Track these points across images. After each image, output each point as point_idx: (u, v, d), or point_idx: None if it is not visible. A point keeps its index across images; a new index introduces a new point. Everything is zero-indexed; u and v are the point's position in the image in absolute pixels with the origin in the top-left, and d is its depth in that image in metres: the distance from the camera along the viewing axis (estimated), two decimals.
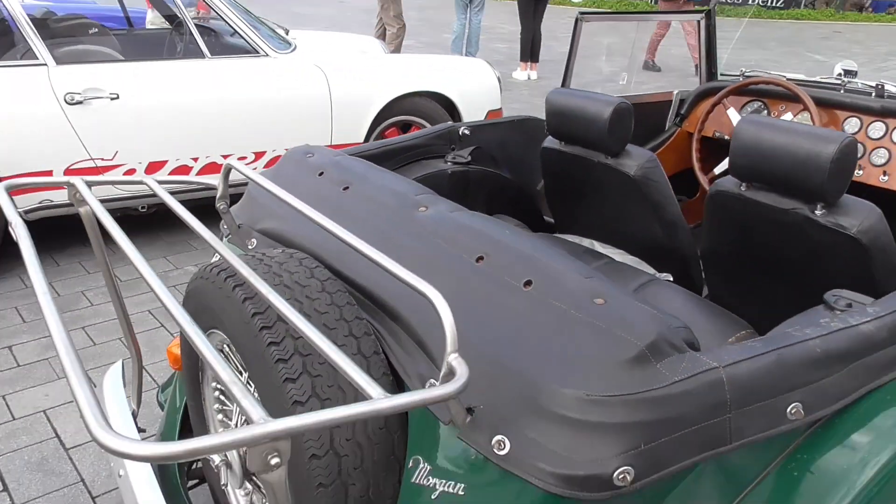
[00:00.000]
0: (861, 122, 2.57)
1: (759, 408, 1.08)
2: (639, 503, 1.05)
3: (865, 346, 1.19)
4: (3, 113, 3.30)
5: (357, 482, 1.18)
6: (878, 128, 2.53)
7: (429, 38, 11.85)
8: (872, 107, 2.55)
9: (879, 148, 2.53)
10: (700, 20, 2.91)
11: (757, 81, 2.74)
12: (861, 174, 2.57)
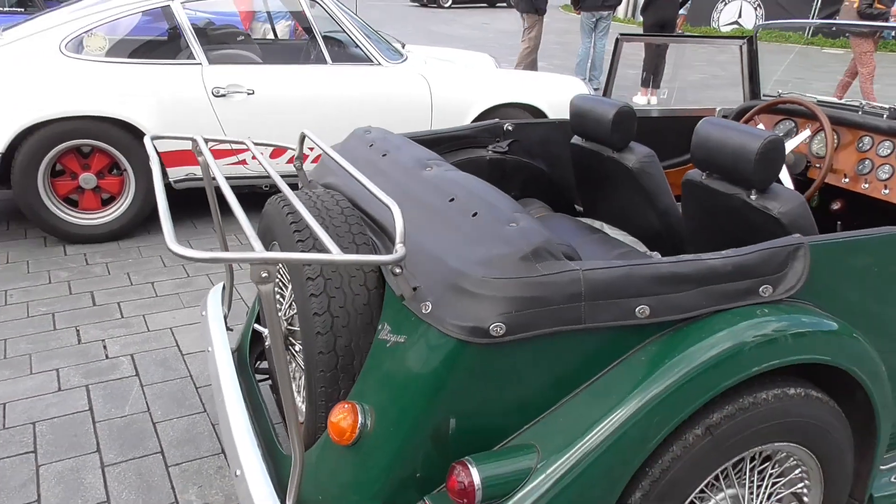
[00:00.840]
0: (873, 141, 2.84)
1: (610, 303, 1.54)
2: (516, 358, 1.53)
3: (710, 275, 1.61)
4: (167, 99, 4.15)
5: (343, 336, 1.73)
6: (886, 146, 2.80)
7: (560, 61, 12.32)
8: (882, 127, 2.82)
9: (885, 164, 2.79)
10: (742, 45, 3.27)
11: (784, 101, 3.07)
12: (867, 187, 2.84)
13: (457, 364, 1.51)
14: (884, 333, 1.89)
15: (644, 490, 1.58)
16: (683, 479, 1.60)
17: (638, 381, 1.55)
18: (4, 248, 4.15)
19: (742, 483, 1.79)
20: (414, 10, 22.95)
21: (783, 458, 1.80)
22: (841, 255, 1.75)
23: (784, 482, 1.85)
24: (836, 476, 1.85)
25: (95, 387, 2.90)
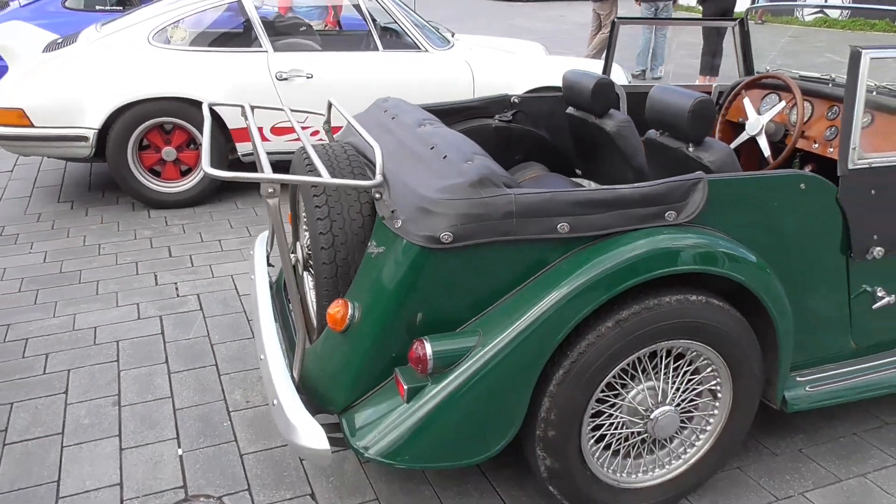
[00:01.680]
0: (839, 110, 3.12)
1: (535, 220, 1.96)
2: (464, 263, 1.97)
3: (622, 201, 2.02)
4: (237, 83, 4.75)
5: (342, 251, 2.22)
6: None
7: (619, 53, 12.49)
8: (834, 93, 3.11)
9: None
10: (734, 26, 3.59)
11: (764, 76, 3.38)
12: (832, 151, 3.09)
13: (419, 266, 1.97)
14: (776, 255, 2.23)
15: (565, 369, 2.01)
16: (598, 362, 2.01)
17: (559, 281, 1.97)
18: (100, 211, 4.86)
19: (659, 377, 2.18)
20: (493, 4, 23.36)
21: (695, 356, 2.19)
22: (735, 190, 2.12)
23: (698, 379, 2.23)
24: (744, 377, 2.21)
25: (167, 317, 3.50)
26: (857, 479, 2.52)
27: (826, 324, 2.43)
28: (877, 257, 2.37)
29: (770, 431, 2.74)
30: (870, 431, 2.77)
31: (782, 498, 2.42)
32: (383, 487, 2.41)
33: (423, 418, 1.96)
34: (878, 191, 2.31)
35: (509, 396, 1.98)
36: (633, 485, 2.27)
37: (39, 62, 4.76)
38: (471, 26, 13.82)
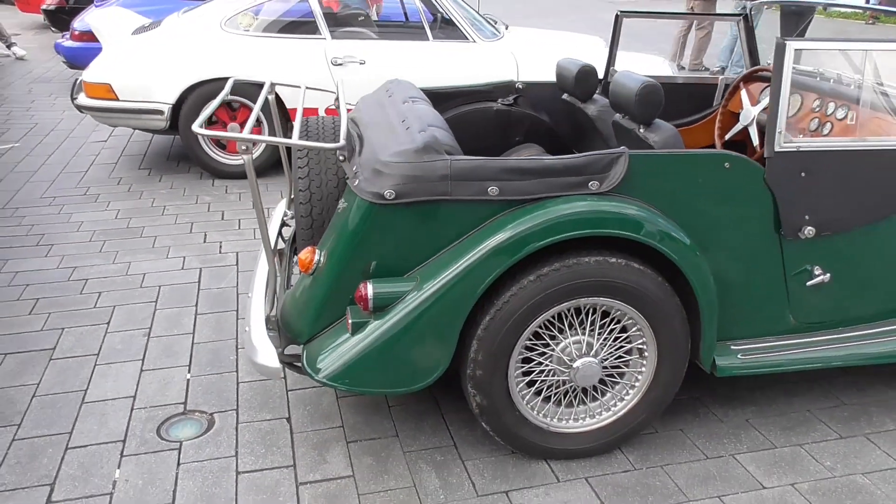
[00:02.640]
0: (822, 102, 3.19)
1: (468, 183, 2.24)
2: (407, 218, 2.28)
3: (547, 171, 2.26)
4: (297, 67, 5.20)
5: (317, 206, 2.57)
6: (831, 106, 3.09)
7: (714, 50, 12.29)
8: (825, 89, 3.17)
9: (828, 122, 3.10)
10: (739, 21, 3.69)
11: (760, 70, 3.48)
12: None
13: (368, 219, 2.29)
14: (704, 228, 2.40)
15: (491, 315, 2.27)
16: (520, 311, 2.27)
17: (486, 238, 2.25)
18: (172, 178, 5.44)
19: (586, 332, 2.41)
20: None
21: (620, 315, 2.40)
22: (656, 165, 2.32)
23: (626, 337, 2.45)
24: (667, 337, 2.41)
25: (206, 269, 3.97)
26: (793, 448, 2.65)
27: (763, 298, 2.57)
28: (809, 236, 2.50)
29: (724, 402, 2.90)
30: (825, 409, 2.87)
31: (712, 457, 2.59)
32: (350, 418, 2.75)
33: (363, 349, 2.28)
34: (808, 174, 2.44)
35: (438, 336, 2.27)
36: (562, 429, 2.51)
37: (127, 43, 5.37)
38: (553, 21, 13.93)
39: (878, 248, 2.61)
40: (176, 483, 2.41)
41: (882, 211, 2.55)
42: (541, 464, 2.53)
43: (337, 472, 2.47)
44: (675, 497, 2.40)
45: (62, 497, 2.35)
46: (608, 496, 2.39)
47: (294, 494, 2.37)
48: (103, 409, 2.78)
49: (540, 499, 2.37)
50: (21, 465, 2.49)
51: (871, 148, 2.49)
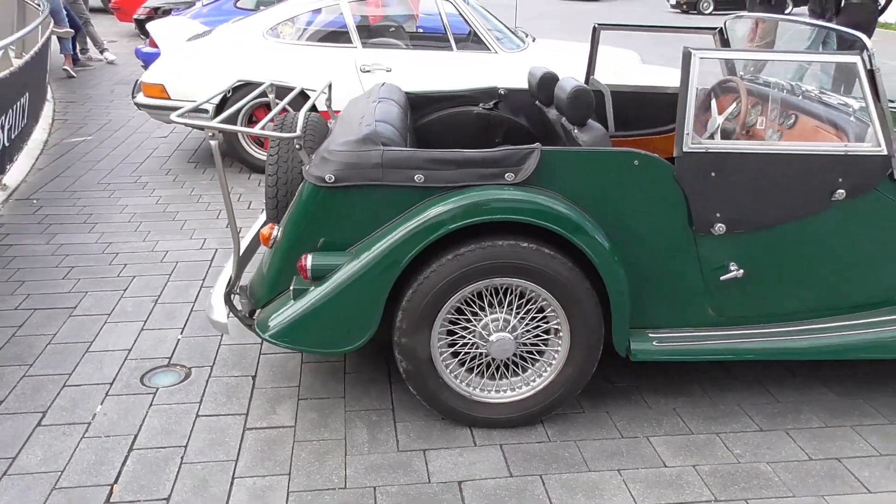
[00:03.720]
0: (777, 110, 3.32)
1: (397, 171, 2.54)
2: (347, 200, 2.59)
3: (467, 162, 2.54)
4: (327, 73, 5.61)
5: (282, 189, 2.92)
6: (782, 115, 3.26)
7: None
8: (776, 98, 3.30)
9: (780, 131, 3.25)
10: (714, 35, 3.84)
11: (726, 81, 3.62)
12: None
13: (313, 200, 2.63)
14: (617, 221, 2.62)
15: (413, 289, 2.56)
16: (439, 286, 2.54)
17: (412, 218, 2.54)
18: (215, 171, 5.94)
19: (506, 312, 2.66)
20: (673, 15, 23.09)
21: (536, 297, 2.64)
22: (568, 161, 2.56)
23: (543, 317, 2.68)
24: (579, 319, 2.62)
25: (221, 249, 4.40)
26: (709, 435, 2.81)
27: (680, 290, 2.76)
28: (720, 233, 2.67)
29: (659, 392, 3.07)
30: (756, 405, 3.01)
31: (626, 437, 2.78)
32: (307, 379, 3.08)
33: (301, 311, 2.61)
34: (718, 173, 2.62)
35: (365, 304, 2.58)
36: (484, 399, 2.75)
37: (181, 49, 5.92)
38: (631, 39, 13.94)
39: (792, 249, 2.75)
40: (144, 420, 2.80)
41: (793, 213, 2.70)
42: (465, 430, 2.78)
43: (282, 422, 2.80)
44: (576, 467, 2.61)
45: (50, 422, 2.77)
46: (514, 461, 2.63)
47: (239, 436, 2.71)
48: (101, 358, 3.21)
49: (453, 459, 2.63)
50: (25, 395, 2.93)
51: (778, 152, 2.65)
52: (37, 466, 2.54)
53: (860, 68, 2.65)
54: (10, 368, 3.11)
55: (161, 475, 2.51)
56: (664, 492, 2.50)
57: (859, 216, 2.75)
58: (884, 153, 2.68)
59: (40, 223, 4.79)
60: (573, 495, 2.47)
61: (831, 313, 2.87)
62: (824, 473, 2.62)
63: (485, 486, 2.50)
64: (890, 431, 2.87)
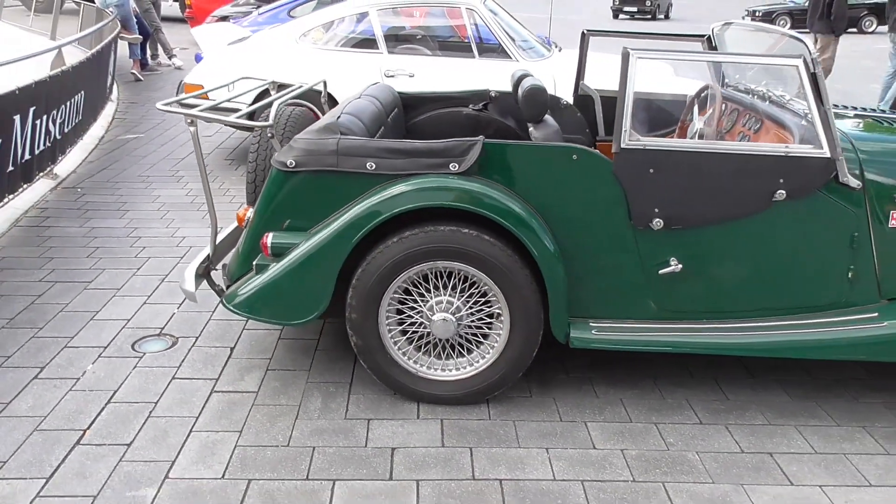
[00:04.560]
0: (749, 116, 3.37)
1: (351, 158, 2.76)
2: (303, 185, 2.83)
3: (415, 152, 2.73)
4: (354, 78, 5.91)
5: (260, 175, 3.18)
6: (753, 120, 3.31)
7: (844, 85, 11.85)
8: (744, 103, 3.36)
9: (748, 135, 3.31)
10: (703, 43, 3.92)
11: (704, 88, 3.70)
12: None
13: (277, 184, 2.88)
14: (558, 212, 2.76)
15: (363, 268, 2.77)
16: (385, 266, 2.74)
17: (361, 202, 2.76)
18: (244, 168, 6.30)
19: (451, 295, 2.84)
20: None
21: (479, 282, 2.81)
22: (510, 154, 2.73)
23: (486, 301, 2.84)
24: (518, 305, 2.77)
25: None
26: (647, 424, 2.91)
27: (621, 282, 2.88)
28: (658, 228, 2.78)
29: (610, 383, 3.18)
30: (704, 401, 3.08)
31: (565, 421, 2.91)
32: (281, 353, 3.32)
33: (260, 285, 2.86)
34: (656, 170, 2.74)
35: (316, 281, 2.80)
36: (429, 376, 2.93)
37: (222, 53, 6.33)
38: None
39: (732, 247, 2.83)
40: (126, 379, 3.09)
41: (732, 212, 2.78)
42: (413, 405, 2.97)
43: (246, 388, 3.05)
44: (508, 443, 2.76)
45: (45, 376, 3.09)
46: (450, 434, 2.79)
47: (205, 398, 2.97)
48: (102, 326, 3.53)
49: (394, 429, 2.82)
50: (29, 353, 3.27)
51: (716, 151, 2.74)
52: (25, 412, 2.85)
53: (802, 72, 2.73)
54: (23, 330, 3.47)
55: (129, 425, 2.79)
56: (585, 469, 2.63)
57: (802, 218, 2.82)
58: (826, 156, 2.74)
59: (79, 209, 5.23)
60: (495, 466, 2.62)
61: (774, 313, 2.93)
62: (751, 465, 2.69)
63: (415, 454, 2.68)
64: (833, 433, 2.90)
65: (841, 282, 2.90)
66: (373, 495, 2.46)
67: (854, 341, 2.83)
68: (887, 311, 2.90)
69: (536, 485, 2.55)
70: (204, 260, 3.18)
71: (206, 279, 3.17)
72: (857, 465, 2.72)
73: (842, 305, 2.93)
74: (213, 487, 2.48)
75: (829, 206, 2.81)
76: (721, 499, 2.51)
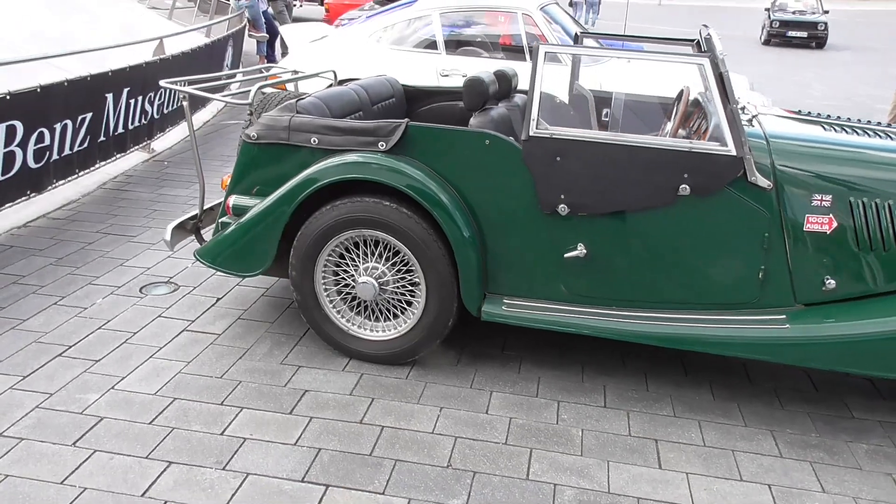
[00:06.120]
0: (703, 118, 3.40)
1: (299, 133, 3.15)
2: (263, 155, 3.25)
3: (351, 131, 3.08)
4: (412, 75, 6.32)
5: None
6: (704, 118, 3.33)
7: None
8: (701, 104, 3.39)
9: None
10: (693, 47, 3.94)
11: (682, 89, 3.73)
12: None
13: (244, 154, 3.32)
14: (472, 192, 3.00)
15: (301, 231, 3.15)
16: (318, 230, 3.10)
17: (302, 173, 3.13)
18: None
19: (378, 261, 3.16)
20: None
21: (403, 254, 3.10)
22: (429, 136, 3.00)
23: (406, 269, 3.13)
24: (433, 275, 3.04)
25: None
26: (550, 401, 3.08)
27: (531, 264, 3.06)
28: (564, 214, 2.95)
29: (540, 364, 3.36)
30: (620, 391, 3.20)
31: (474, 388, 3.14)
32: (257, 306, 3.77)
33: (221, 239, 3.31)
34: (563, 158, 2.91)
35: (263, 239, 3.21)
36: (358, 334, 3.26)
37: (304, 49, 6.95)
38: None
39: (637, 237, 2.94)
40: (121, 313, 3.65)
41: (638, 203, 2.90)
42: (344, 360, 3.31)
43: (213, 330, 3.52)
44: (407, 399, 3.03)
45: (63, 304, 3.72)
46: (362, 386, 3.11)
47: (176, 334, 3.47)
48: (126, 271, 4.14)
49: (315, 376, 3.17)
50: (60, 286, 3.92)
51: (621, 143, 2.87)
52: (34, 328, 3.47)
53: (708, 71, 2.81)
54: (64, 268, 4.15)
55: (105, 347, 3.33)
56: (465, 429, 2.86)
57: (709, 214, 2.89)
58: (732, 154, 2.80)
59: (158, 178, 5.98)
60: (386, 416, 2.92)
61: (684, 307, 3.00)
62: (629, 447, 2.81)
63: (322, 397, 3.02)
64: (735, 432, 2.94)
65: (751, 282, 2.93)
66: (267, 423, 2.83)
67: (756, 341, 2.86)
68: (797, 315, 2.90)
69: (413, 434, 2.81)
70: (192, 217, 3.69)
71: (194, 234, 3.68)
72: (740, 461, 2.77)
73: (755, 305, 2.96)
74: (144, 400, 2.95)
75: (738, 204, 2.86)
76: (579, 470, 2.67)
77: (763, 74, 14.78)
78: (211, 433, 2.76)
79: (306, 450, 2.69)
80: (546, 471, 2.65)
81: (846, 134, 3.11)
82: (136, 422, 2.81)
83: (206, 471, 2.56)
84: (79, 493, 2.43)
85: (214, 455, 2.64)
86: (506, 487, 2.56)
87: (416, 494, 2.50)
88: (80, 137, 5.32)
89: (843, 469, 2.76)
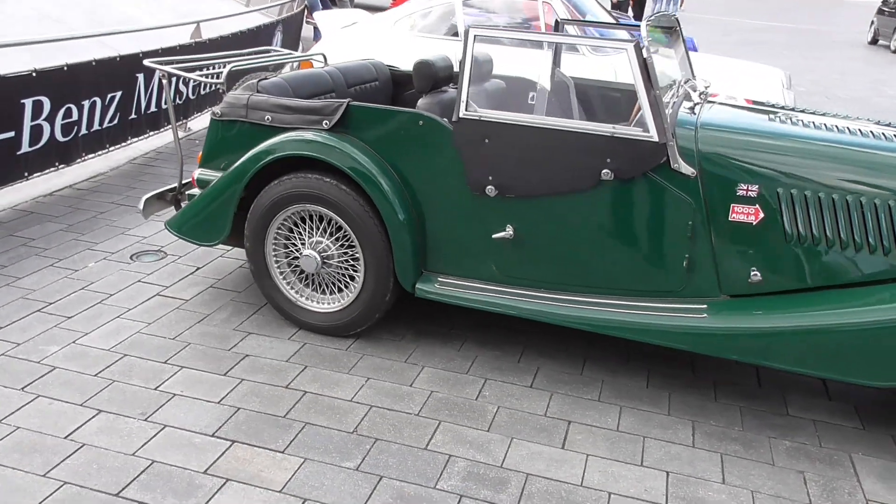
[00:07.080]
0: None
1: (255, 111, 3.34)
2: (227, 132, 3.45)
3: (301, 110, 3.23)
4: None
5: None
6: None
7: None
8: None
9: None
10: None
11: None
12: None
13: (212, 130, 3.53)
14: (407, 171, 3.10)
15: (254, 204, 3.33)
16: (268, 204, 3.28)
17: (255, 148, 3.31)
18: None
19: (317, 234, 3.30)
20: None
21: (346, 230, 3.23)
22: (368, 116, 3.12)
23: (349, 245, 3.26)
24: (370, 251, 3.16)
25: None
26: (477, 378, 3.16)
27: (464, 244, 3.14)
28: (492, 195, 3.00)
29: (481, 345, 3.43)
30: (563, 375, 3.24)
31: (407, 363, 3.25)
32: (231, 277, 3.99)
33: (186, 210, 3.53)
34: (491, 140, 2.96)
35: (220, 211, 3.40)
36: (305, 305, 3.42)
37: (335, 35, 7.16)
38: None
39: (562, 221, 2.98)
40: (106, 276, 3.94)
41: (562, 186, 2.93)
42: (294, 329, 3.47)
43: (183, 296, 3.75)
44: (339, 369, 3.17)
45: (58, 266, 4.03)
46: (301, 355, 3.27)
47: (149, 295, 3.72)
48: (125, 239, 4.44)
49: (261, 342, 3.35)
50: (61, 249, 4.25)
51: (547, 126, 2.91)
52: (25, 286, 3.79)
53: (632, 56, 2.81)
54: (70, 234, 4.48)
55: (82, 305, 3.61)
56: (384, 399, 2.98)
57: (632, 199, 2.89)
58: (654, 140, 2.80)
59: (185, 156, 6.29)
60: (312, 383, 3.07)
61: (609, 291, 3.02)
62: (537, 427, 2.87)
63: (259, 362, 3.20)
64: (654, 420, 2.96)
65: (677, 270, 2.92)
66: (201, 382, 3.03)
67: (672, 329, 2.85)
68: (718, 306, 2.88)
69: (332, 401, 2.95)
70: (171, 189, 3.93)
71: (174, 205, 3.92)
72: (647, 448, 2.78)
73: (681, 294, 2.95)
74: (97, 354, 3.20)
75: (662, 191, 2.85)
76: (481, 445, 2.75)
77: (840, 71, 14.13)
78: (146, 388, 2.98)
79: (227, 408, 2.88)
80: (446, 443, 2.74)
81: (792, 125, 3.04)
82: (84, 373, 3.05)
83: (130, 420, 2.78)
84: (11, 431, 2.68)
85: (142, 407, 2.86)
86: (401, 455, 2.67)
87: (313, 455, 2.64)
88: (109, 114, 5.69)
89: (753, 463, 2.74)
